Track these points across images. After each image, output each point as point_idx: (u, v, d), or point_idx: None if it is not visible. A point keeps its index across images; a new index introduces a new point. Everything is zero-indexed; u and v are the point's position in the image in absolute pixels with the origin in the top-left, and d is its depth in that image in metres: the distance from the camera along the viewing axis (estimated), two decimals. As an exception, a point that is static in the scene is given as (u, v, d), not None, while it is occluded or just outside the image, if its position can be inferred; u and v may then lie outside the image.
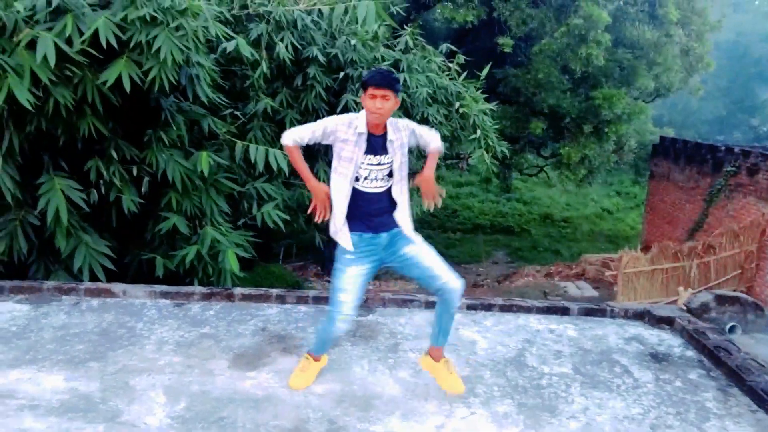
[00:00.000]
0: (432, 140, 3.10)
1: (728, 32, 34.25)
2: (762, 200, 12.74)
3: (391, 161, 2.94)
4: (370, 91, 2.80)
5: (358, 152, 2.89)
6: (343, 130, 2.90)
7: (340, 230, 2.98)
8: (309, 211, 3.04)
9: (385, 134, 2.92)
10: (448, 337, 3.17)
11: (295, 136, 3.00)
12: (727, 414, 3.10)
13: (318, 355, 3.19)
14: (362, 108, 2.90)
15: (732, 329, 4.24)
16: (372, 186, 2.95)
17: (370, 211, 2.97)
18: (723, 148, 14.66)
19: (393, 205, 3.03)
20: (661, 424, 2.96)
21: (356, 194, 2.95)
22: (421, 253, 3.00)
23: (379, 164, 2.92)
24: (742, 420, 3.05)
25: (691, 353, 3.83)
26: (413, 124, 3.04)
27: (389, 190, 3.00)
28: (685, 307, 4.35)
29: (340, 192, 2.95)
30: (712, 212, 14.51)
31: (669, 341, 4.00)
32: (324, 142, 3.00)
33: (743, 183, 13.46)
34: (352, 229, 2.97)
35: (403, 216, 3.04)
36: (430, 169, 3.06)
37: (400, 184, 3.02)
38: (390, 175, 2.98)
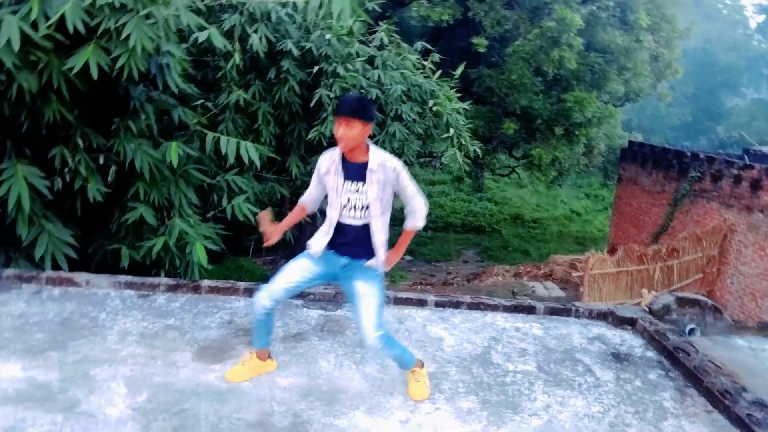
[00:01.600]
0: (414, 210, 3.00)
1: (697, 40, 35.08)
2: (724, 206, 13.10)
3: (367, 191, 2.87)
4: (337, 117, 2.81)
5: (338, 179, 2.90)
6: (325, 163, 2.95)
7: (316, 243, 3.01)
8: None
9: (365, 163, 2.87)
10: (405, 365, 3.16)
11: (304, 195, 3.13)
12: (684, 414, 3.19)
13: (258, 349, 3.14)
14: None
15: (691, 331, 4.35)
16: (351, 216, 2.92)
17: (346, 242, 2.97)
18: (689, 154, 15.02)
19: (369, 240, 2.96)
20: (620, 423, 3.02)
21: (340, 226, 2.96)
22: (363, 299, 2.96)
23: (357, 191, 2.90)
24: (698, 420, 3.14)
25: (651, 354, 3.92)
26: (402, 172, 2.91)
27: (367, 227, 2.94)
28: (647, 309, 4.44)
29: (329, 223, 2.98)
30: (677, 216, 14.86)
31: (630, 341, 4.09)
32: (324, 185, 3.00)
33: (707, 189, 13.81)
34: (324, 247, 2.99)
35: (378, 257, 2.99)
36: (398, 252, 3.05)
37: (380, 221, 2.94)
38: (368, 208, 2.91)
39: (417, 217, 3.01)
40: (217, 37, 5.56)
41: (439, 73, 7.78)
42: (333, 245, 2.99)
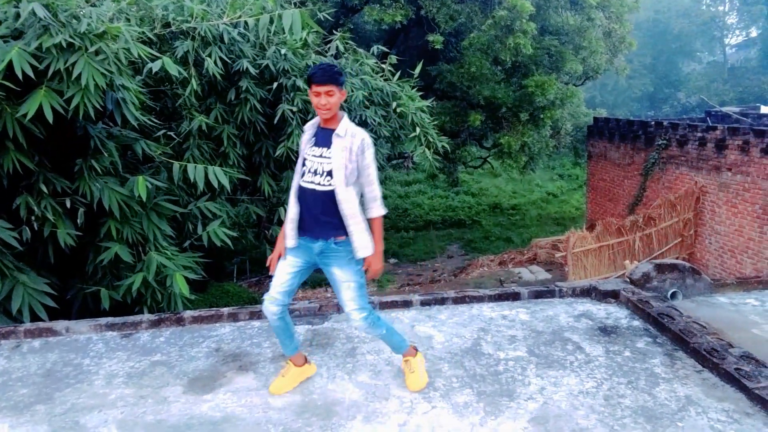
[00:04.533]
0: (375, 197, 2.98)
1: (647, 11, 35.76)
2: (694, 169, 13.35)
3: (331, 156, 2.87)
4: (314, 88, 2.84)
5: (307, 145, 2.96)
6: (306, 131, 3.01)
7: (287, 225, 3.01)
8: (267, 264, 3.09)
9: (334, 129, 2.91)
10: (398, 348, 3.25)
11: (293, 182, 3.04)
12: (675, 377, 3.23)
13: (290, 355, 3.20)
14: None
15: (673, 295, 4.42)
16: (311, 181, 2.91)
17: (311, 214, 2.94)
18: (653, 123, 15.29)
19: (336, 213, 2.90)
20: (614, 395, 3.06)
21: (301, 191, 2.97)
22: (338, 283, 3.01)
23: (321, 156, 2.91)
24: (689, 381, 3.19)
25: (637, 323, 3.97)
26: (370, 149, 2.92)
27: (331, 194, 2.87)
28: (628, 279, 4.50)
29: (293, 188, 3.00)
30: (649, 185, 15.10)
31: (616, 314, 4.14)
32: None
33: (675, 155, 14.06)
34: (298, 226, 2.99)
35: (356, 235, 2.92)
36: (380, 244, 3.01)
37: (345, 191, 2.86)
38: (330, 174, 2.88)
39: (379, 204, 3.02)
40: (171, 65, 5.52)
41: (398, 74, 7.81)
42: (304, 226, 2.97)
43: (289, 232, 3.00)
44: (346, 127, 2.92)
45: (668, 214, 13.21)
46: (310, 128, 3.04)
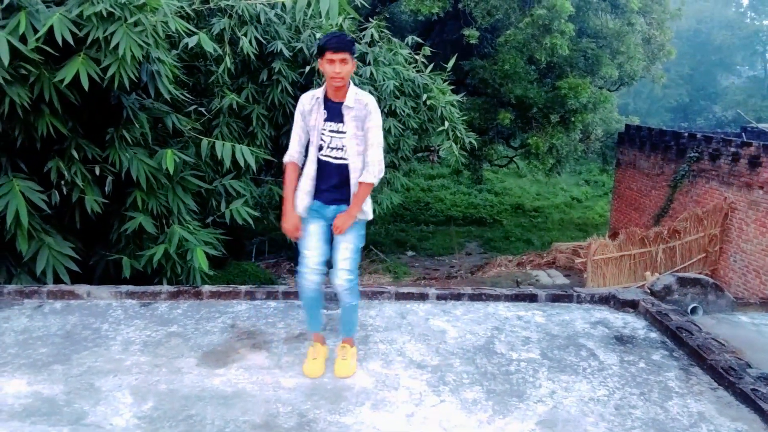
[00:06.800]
0: (369, 163, 3.00)
1: (689, 20, 35.02)
2: (724, 185, 13.09)
3: (345, 131, 2.95)
4: (328, 56, 2.82)
5: (319, 119, 2.97)
6: (308, 102, 3.00)
7: (301, 196, 3.05)
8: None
9: (344, 101, 2.95)
10: (349, 329, 3.28)
11: (289, 150, 3.09)
12: (689, 392, 3.19)
13: (312, 331, 3.27)
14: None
15: (694, 310, 4.35)
16: (332, 155, 2.99)
17: (328, 184, 3.02)
18: (686, 134, 15.00)
19: (348, 182, 3.03)
20: (625, 405, 3.03)
21: (320, 164, 3.01)
22: (338, 243, 3.06)
23: (337, 131, 2.96)
24: (703, 398, 3.14)
25: (654, 335, 3.92)
26: (374, 112, 2.97)
27: (347, 166, 3.01)
28: (648, 290, 4.44)
29: (310, 160, 3.03)
30: (677, 198, 14.85)
31: (633, 324, 4.09)
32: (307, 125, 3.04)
33: (706, 168, 13.80)
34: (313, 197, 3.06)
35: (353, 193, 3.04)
36: (353, 209, 3.03)
37: (357, 163, 2.98)
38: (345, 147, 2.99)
39: (371, 171, 3.02)
40: (206, 42, 5.56)
41: (431, 66, 7.77)
42: (319, 193, 3.05)
43: (303, 203, 3.05)
44: (354, 96, 2.95)
45: (694, 228, 12.99)
46: (311, 100, 2.99)
